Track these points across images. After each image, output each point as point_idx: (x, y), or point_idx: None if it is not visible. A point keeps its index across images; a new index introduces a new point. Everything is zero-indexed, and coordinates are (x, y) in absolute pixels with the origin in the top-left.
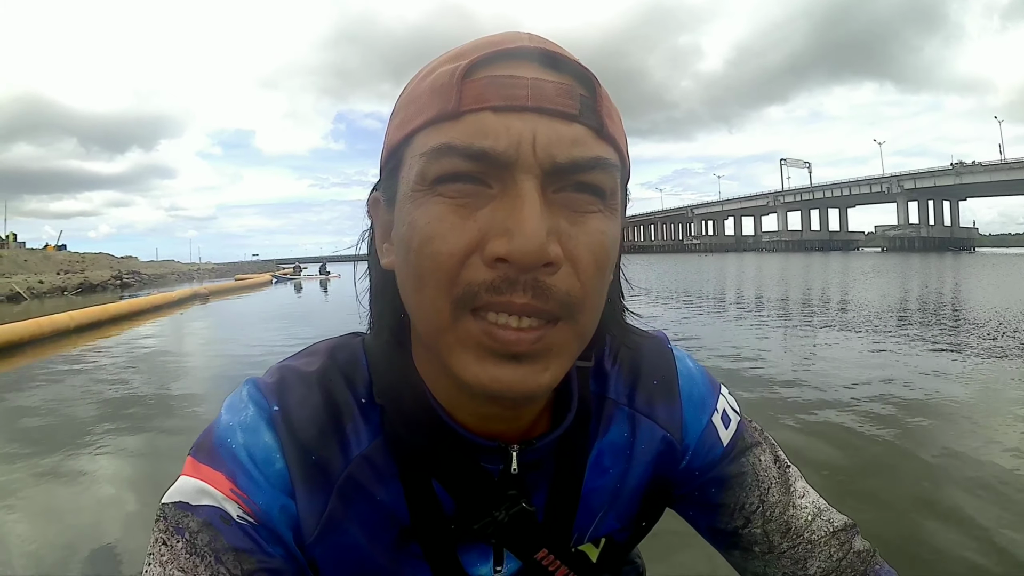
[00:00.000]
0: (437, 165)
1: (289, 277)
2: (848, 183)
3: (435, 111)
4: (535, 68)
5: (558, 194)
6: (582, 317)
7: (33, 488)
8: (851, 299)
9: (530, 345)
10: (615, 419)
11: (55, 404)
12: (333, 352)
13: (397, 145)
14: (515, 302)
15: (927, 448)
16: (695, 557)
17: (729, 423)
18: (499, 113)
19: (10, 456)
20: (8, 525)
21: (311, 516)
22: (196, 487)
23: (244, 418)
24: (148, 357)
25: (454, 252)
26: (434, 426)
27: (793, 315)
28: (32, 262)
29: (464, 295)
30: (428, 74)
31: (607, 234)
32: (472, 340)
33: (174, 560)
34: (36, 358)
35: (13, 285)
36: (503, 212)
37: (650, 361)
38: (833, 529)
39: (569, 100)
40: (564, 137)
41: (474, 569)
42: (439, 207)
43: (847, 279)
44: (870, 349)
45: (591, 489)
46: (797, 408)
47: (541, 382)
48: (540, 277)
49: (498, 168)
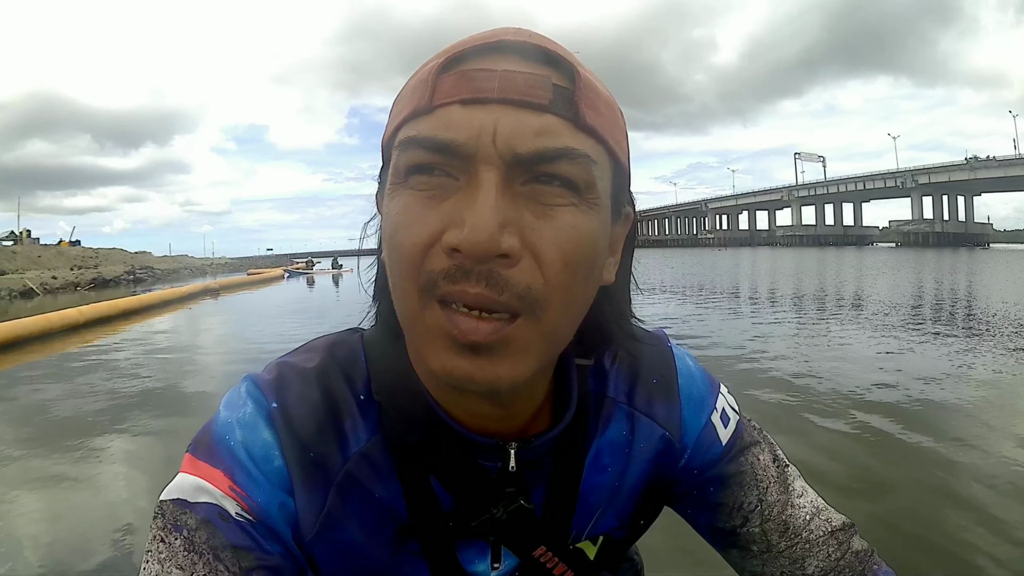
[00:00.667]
0: (405, 158)
1: (301, 272)
2: (862, 177)
3: (413, 106)
4: (511, 60)
5: (526, 186)
6: (547, 314)
7: (34, 482)
8: (868, 295)
9: (486, 336)
10: (614, 417)
11: (55, 400)
12: (332, 348)
13: (387, 141)
14: (468, 291)
15: (945, 443)
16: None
17: (728, 422)
18: (467, 106)
19: (9, 455)
20: (18, 518)
21: (310, 513)
22: (194, 484)
23: (243, 415)
24: (151, 353)
25: (416, 242)
26: (432, 423)
27: (810, 310)
28: (46, 258)
29: (427, 284)
30: (418, 71)
31: (579, 229)
32: (438, 329)
33: (172, 558)
34: (43, 354)
35: (26, 281)
36: (463, 203)
37: (650, 360)
38: (831, 528)
39: (540, 91)
40: (528, 128)
41: (472, 566)
42: (409, 199)
43: (862, 274)
44: (886, 346)
45: (589, 487)
46: (815, 404)
47: (500, 374)
48: (495, 268)
49: (461, 159)
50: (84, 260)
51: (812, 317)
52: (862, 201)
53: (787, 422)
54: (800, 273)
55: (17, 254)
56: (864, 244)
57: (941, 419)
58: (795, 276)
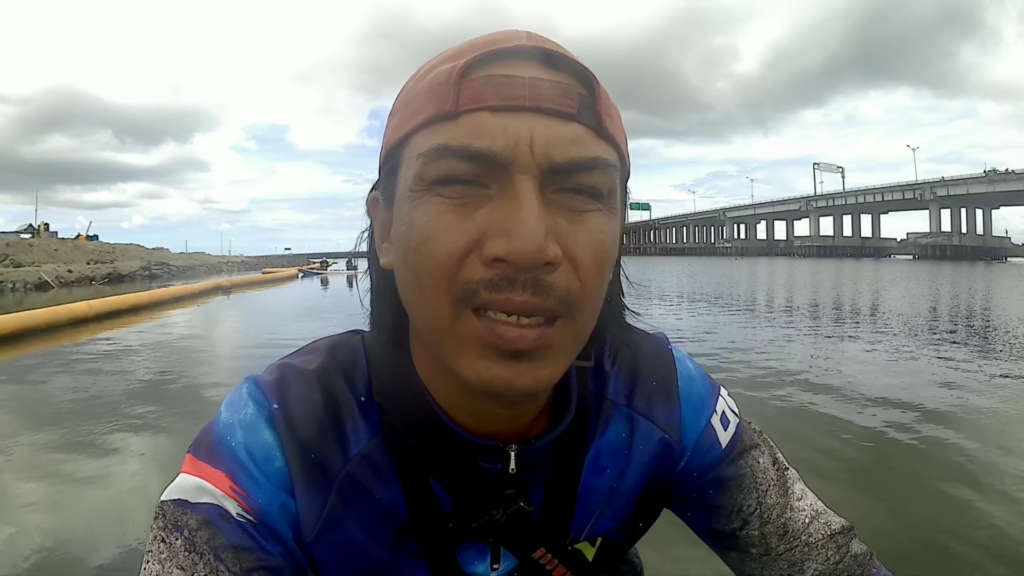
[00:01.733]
0: (435, 166)
1: (316, 272)
2: (880, 189)
3: (432, 111)
4: (533, 67)
5: (556, 194)
6: (581, 316)
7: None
8: (888, 308)
9: (531, 343)
10: (613, 419)
11: (54, 393)
12: (333, 350)
13: (395, 145)
14: (514, 299)
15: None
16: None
17: (728, 425)
18: (496, 113)
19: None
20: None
21: (310, 514)
22: (195, 485)
23: (244, 416)
24: (154, 348)
25: (452, 251)
26: (432, 425)
27: (830, 322)
28: (62, 251)
29: (463, 293)
30: (426, 74)
31: (606, 233)
32: (474, 338)
33: (173, 558)
34: (46, 345)
35: (41, 274)
36: (501, 212)
37: (649, 362)
38: (831, 532)
39: (567, 99)
40: (562, 137)
41: (471, 567)
42: (437, 207)
43: (879, 286)
44: (903, 359)
45: (588, 489)
46: (835, 415)
47: (540, 378)
48: (539, 275)
49: (495, 168)
50: (100, 255)
51: (834, 329)
52: (880, 213)
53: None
54: (818, 285)
55: (34, 247)
56: (882, 256)
57: (958, 432)
58: (814, 288)
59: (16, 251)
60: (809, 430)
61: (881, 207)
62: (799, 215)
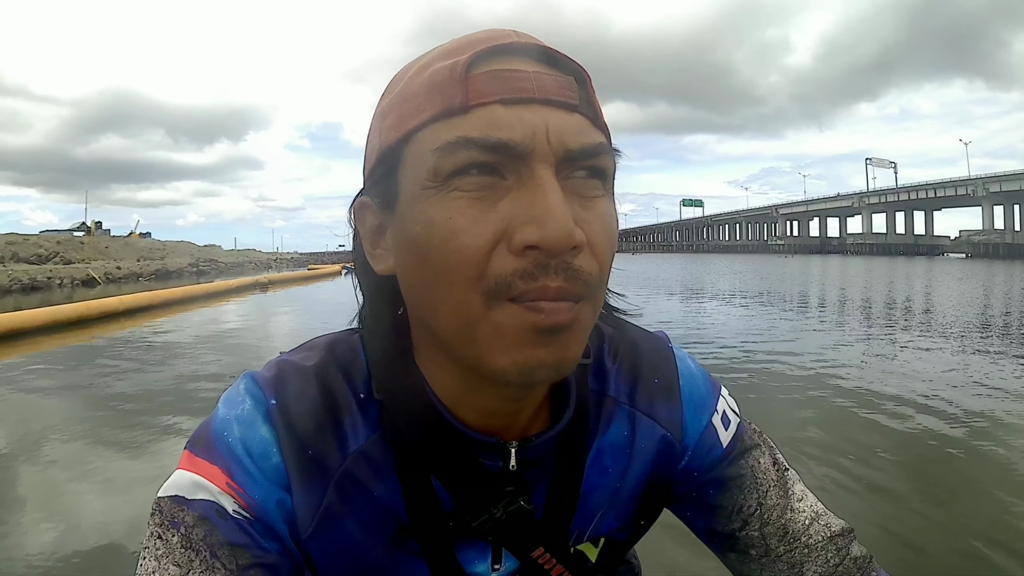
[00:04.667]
0: (454, 158)
1: None
2: (932, 185)
3: (439, 107)
4: (532, 63)
5: (568, 181)
6: (598, 297)
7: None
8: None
9: (566, 315)
10: (615, 417)
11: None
12: (332, 346)
13: (394, 145)
14: (550, 286)
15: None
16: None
17: (729, 424)
18: (509, 106)
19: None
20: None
21: (307, 511)
22: (192, 481)
23: (241, 412)
24: (158, 346)
25: (481, 245)
26: (432, 422)
27: (891, 327)
28: (113, 249)
29: (497, 286)
30: (420, 72)
31: (612, 216)
32: (512, 324)
33: (169, 554)
34: (59, 343)
35: (89, 271)
36: (525, 201)
37: (651, 360)
38: (831, 534)
39: (569, 92)
40: (572, 126)
41: (471, 567)
42: (458, 202)
43: (934, 287)
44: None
45: (590, 488)
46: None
47: (570, 355)
48: (568, 260)
49: (514, 159)
50: (151, 252)
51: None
52: (933, 210)
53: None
54: (871, 285)
55: (85, 245)
56: (934, 254)
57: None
58: (867, 289)
59: (67, 249)
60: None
61: (933, 203)
62: (851, 212)
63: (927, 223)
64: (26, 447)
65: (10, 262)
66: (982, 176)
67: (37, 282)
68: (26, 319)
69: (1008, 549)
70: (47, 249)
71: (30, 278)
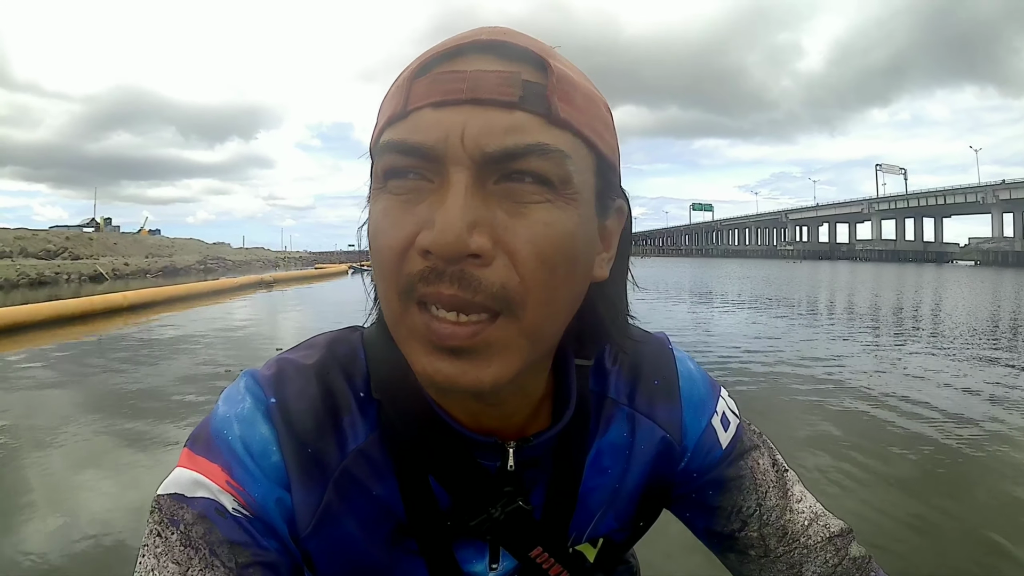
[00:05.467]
0: (382, 161)
1: (367, 268)
2: (941, 191)
3: (390, 112)
4: (481, 60)
5: (498, 185)
6: (526, 313)
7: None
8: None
9: (465, 340)
10: (615, 418)
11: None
12: (332, 345)
13: (371, 146)
14: (443, 292)
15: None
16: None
17: (728, 426)
18: (438, 108)
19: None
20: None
21: (307, 509)
22: (192, 479)
23: (241, 410)
24: (160, 341)
25: (393, 245)
26: (431, 421)
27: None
28: (122, 245)
29: (406, 286)
30: (398, 76)
31: (554, 225)
32: (418, 332)
33: (168, 552)
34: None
35: (97, 267)
36: (435, 205)
37: (651, 361)
38: (830, 535)
39: (508, 88)
40: (497, 126)
41: (469, 566)
42: (387, 202)
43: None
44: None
45: (589, 488)
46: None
47: (483, 378)
48: (467, 269)
49: (432, 162)
50: (159, 249)
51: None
52: (942, 216)
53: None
54: (880, 294)
55: (94, 241)
56: (944, 261)
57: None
58: (874, 293)
59: (75, 244)
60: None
61: (943, 210)
62: (861, 218)
63: (937, 230)
64: (25, 441)
65: (18, 257)
66: (992, 183)
67: (44, 277)
68: (29, 313)
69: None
70: (56, 245)
71: (38, 273)
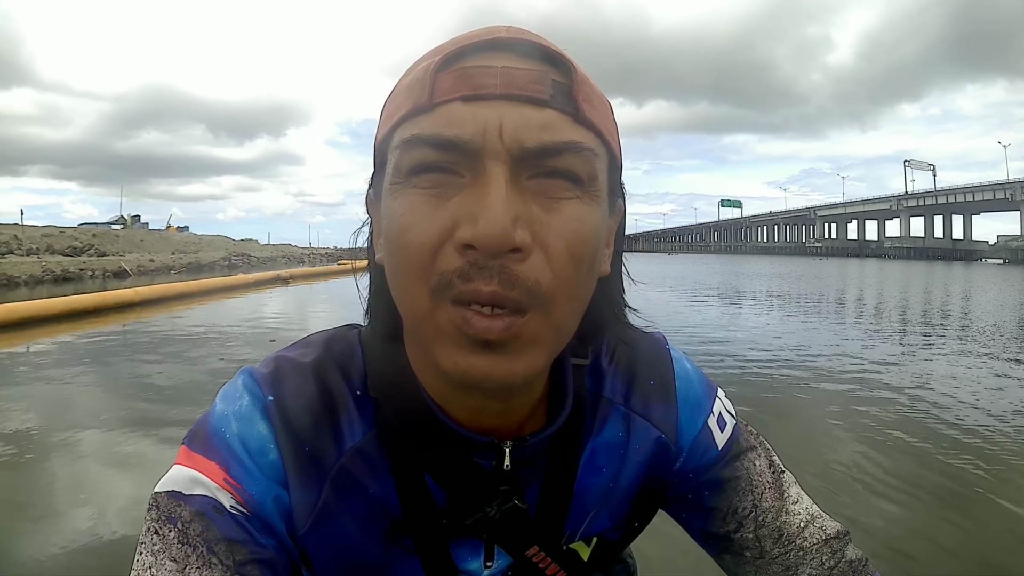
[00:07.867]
0: (408, 156)
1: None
2: (970, 188)
3: (410, 105)
4: (508, 57)
5: (532, 180)
6: (556, 307)
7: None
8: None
9: (499, 333)
10: (610, 418)
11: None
12: (329, 344)
13: (380, 142)
14: (483, 289)
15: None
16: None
17: (725, 426)
18: (469, 102)
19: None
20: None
21: (304, 507)
22: (189, 476)
23: (239, 407)
24: (165, 336)
25: (426, 241)
26: (427, 420)
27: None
28: (148, 242)
29: (439, 284)
30: (410, 70)
31: (584, 221)
32: (451, 328)
33: (166, 549)
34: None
35: (121, 263)
36: (472, 199)
37: (647, 361)
38: (826, 537)
39: (540, 86)
40: (532, 122)
41: (465, 564)
42: (413, 198)
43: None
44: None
45: (584, 487)
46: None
47: (515, 371)
48: (507, 264)
49: (467, 156)
50: (186, 246)
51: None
52: (972, 214)
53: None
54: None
55: (120, 237)
56: (972, 260)
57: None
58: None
59: (102, 241)
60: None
61: (972, 207)
62: (890, 215)
63: (965, 227)
64: (35, 432)
65: (45, 254)
66: (1020, 180)
67: (69, 273)
68: (43, 307)
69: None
70: (82, 242)
71: (63, 269)
